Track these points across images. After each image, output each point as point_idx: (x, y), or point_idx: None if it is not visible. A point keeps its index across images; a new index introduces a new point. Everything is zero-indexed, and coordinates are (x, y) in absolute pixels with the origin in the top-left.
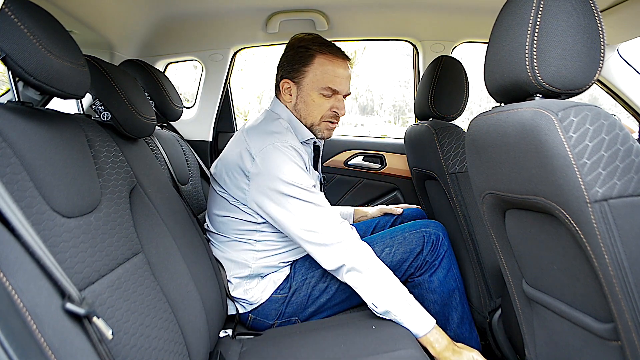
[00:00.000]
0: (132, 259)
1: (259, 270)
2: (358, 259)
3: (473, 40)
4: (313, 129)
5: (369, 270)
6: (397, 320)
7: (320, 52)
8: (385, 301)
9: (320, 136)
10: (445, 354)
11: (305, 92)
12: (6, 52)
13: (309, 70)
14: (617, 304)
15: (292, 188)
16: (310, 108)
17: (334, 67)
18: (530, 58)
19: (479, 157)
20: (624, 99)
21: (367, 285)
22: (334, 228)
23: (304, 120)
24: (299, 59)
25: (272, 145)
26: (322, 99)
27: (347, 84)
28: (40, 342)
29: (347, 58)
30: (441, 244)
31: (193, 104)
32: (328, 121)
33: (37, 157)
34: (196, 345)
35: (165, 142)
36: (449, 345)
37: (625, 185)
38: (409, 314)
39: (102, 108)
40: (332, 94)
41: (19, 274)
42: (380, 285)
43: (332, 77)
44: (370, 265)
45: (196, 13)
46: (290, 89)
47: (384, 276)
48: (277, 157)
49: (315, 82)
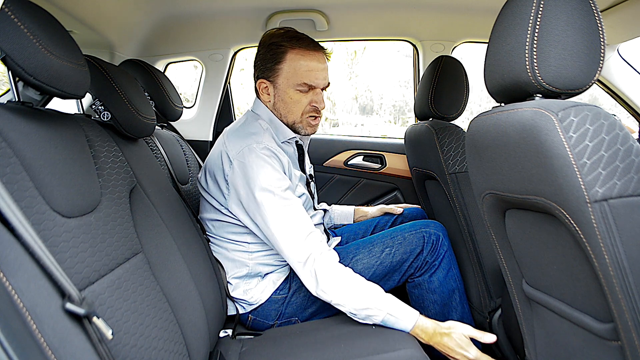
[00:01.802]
0: (132, 259)
1: (256, 269)
2: (326, 271)
3: (473, 40)
4: (295, 127)
5: (341, 280)
6: (380, 323)
7: (292, 47)
8: (363, 307)
9: (304, 133)
10: (435, 340)
11: (282, 91)
12: (6, 52)
13: (282, 67)
14: (617, 304)
15: (266, 194)
16: (289, 106)
17: (307, 61)
18: (530, 58)
19: (479, 157)
20: (624, 99)
21: (340, 295)
22: (300, 242)
23: (285, 119)
24: (272, 57)
25: (248, 147)
26: (300, 95)
27: (324, 75)
28: (40, 342)
29: (321, 49)
30: (441, 244)
31: (193, 104)
32: (309, 117)
33: (37, 157)
34: (196, 345)
35: (165, 142)
36: (436, 329)
37: (625, 185)
38: (390, 315)
39: (102, 108)
40: (308, 89)
41: (19, 274)
42: (354, 292)
43: (305, 72)
44: (340, 276)
45: (196, 13)
46: (267, 89)
47: (356, 283)
48: (252, 160)
49: (290, 79)
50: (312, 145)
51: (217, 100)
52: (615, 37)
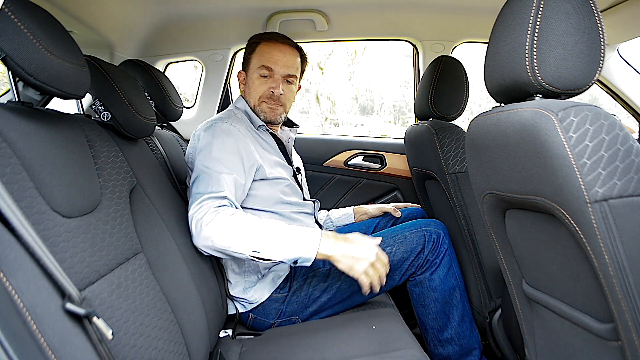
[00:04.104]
0: (132, 259)
1: (252, 263)
2: (220, 222)
3: (473, 40)
4: (256, 111)
5: (235, 221)
6: (287, 257)
7: (263, 40)
8: (264, 244)
9: (263, 117)
10: (343, 253)
11: (250, 77)
12: (6, 52)
13: (253, 57)
14: (617, 304)
15: (214, 163)
16: (251, 89)
17: (272, 49)
18: (530, 58)
19: (479, 157)
20: (624, 99)
21: (236, 234)
22: (198, 199)
23: (250, 104)
24: (248, 51)
25: (214, 123)
26: (261, 80)
27: (284, 63)
28: (40, 342)
29: (289, 43)
30: (442, 243)
31: (193, 104)
32: (265, 101)
33: (37, 157)
34: (196, 345)
35: (165, 142)
36: (341, 244)
37: (625, 186)
38: (293, 243)
39: (102, 108)
40: (268, 74)
41: (19, 274)
42: (250, 230)
43: (267, 57)
44: (234, 218)
45: (196, 13)
46: (244, 79)
47: (251, 222)
48: (212, 132)
49: (255, 65)
50: (312, 145)
51: (217, 100)
52: (615, 37)
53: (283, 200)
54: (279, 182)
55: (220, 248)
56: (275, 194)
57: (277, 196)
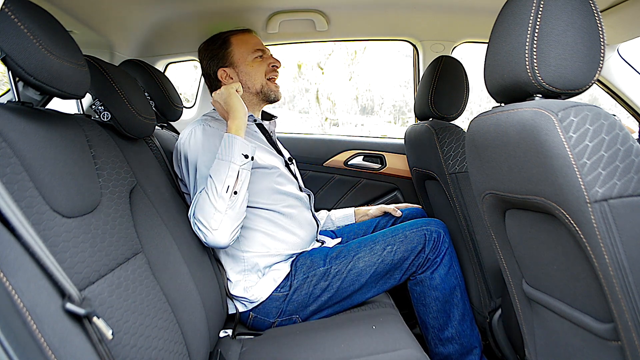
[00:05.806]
0: (132, 259)
1: (252, 260)
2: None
3: (473, 40)
4: (265, 92)
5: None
6: (238, 163)
7: (230, 34)
8: (222, 184)
9: (274, 97)
10: (235, 124)
11: (242, 64)
12: (6, 52)
13: (232, 49)
14: (617, 304)
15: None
16: (254, 72)
17: (249, 38)
18: (530, 58)
19: (479, 157)
20: (624, 99)
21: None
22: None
23: (254, 88)
24: (218, 49)
25: (197, 122)
26: (258, 61)
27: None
28: (40, 342)
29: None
30: (442, 242)
31: (193, 104)
32: (271, 78)
33: (37, 157)
34: (196, 345)
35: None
36: (235, 122)
37: (625, 186)
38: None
39: (102, 108)
40: (262, 55)
41: (19, 274)
42: (212, 197)
43: (253, 44)
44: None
45: (196, 13)
46: (230, 75)
47: (207, 194)
48: (194, 130)
49: (244, 52)
50: (312, 145)
51: None
52: (615, 37)
53: (279, 191)
54: (272, 172)
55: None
56: (269, 184)
57: (271, 187)
